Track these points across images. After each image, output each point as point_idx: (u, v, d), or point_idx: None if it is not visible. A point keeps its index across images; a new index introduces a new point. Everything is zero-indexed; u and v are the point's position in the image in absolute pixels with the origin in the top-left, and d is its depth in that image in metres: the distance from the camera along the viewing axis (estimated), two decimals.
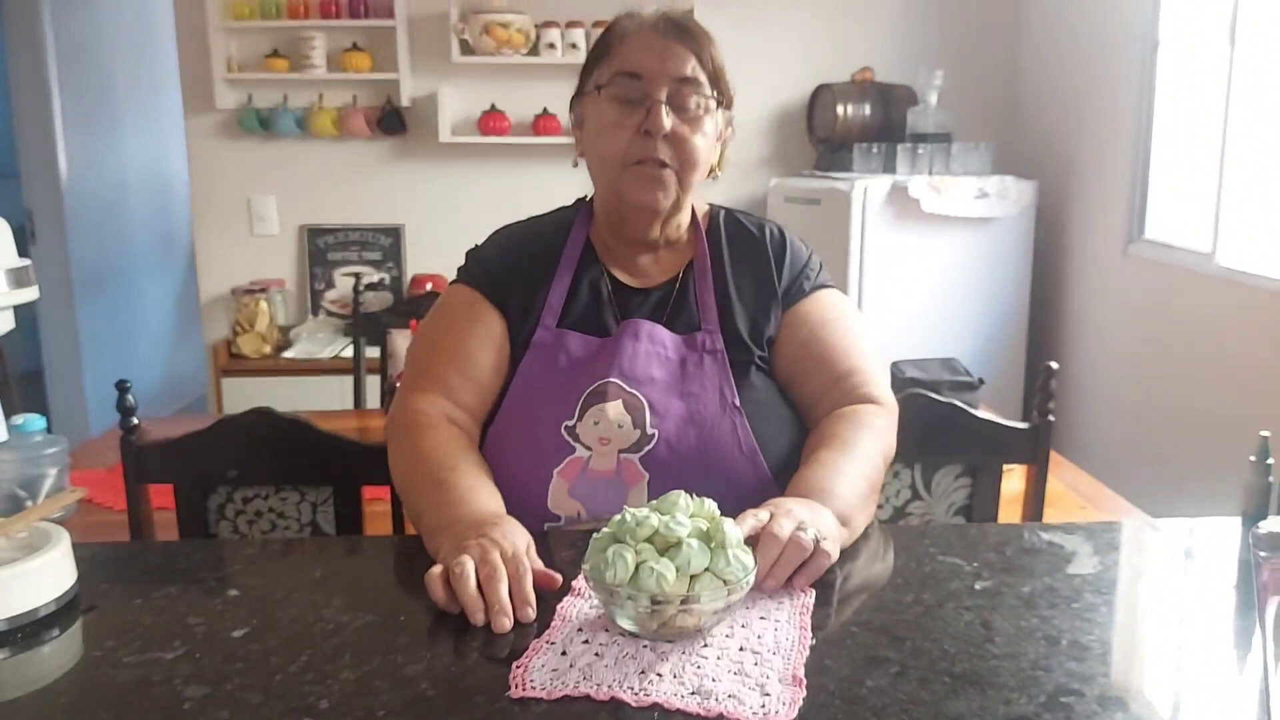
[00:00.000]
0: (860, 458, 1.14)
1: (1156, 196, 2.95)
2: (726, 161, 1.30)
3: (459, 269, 1.31)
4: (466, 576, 0.90)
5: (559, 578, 0.95)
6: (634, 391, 1.17)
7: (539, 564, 0.96)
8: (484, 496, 1.08)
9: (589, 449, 1.16)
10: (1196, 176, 2.71)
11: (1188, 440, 2.69)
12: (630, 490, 1.15)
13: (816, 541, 0.96)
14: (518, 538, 0.99)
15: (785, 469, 1.16)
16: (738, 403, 1.18)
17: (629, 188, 1.21)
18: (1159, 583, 1.05)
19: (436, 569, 0.94)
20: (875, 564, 1.06)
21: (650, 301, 1.26)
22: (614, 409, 1.16)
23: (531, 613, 0.90)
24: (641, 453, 1.15)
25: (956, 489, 1.49)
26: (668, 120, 1.18)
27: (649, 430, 1.16)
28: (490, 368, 1.22)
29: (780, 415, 1.23)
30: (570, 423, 1.16)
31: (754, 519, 0.97)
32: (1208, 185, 2.62)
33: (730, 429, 1.17)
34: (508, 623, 0.88)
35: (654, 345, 1.21)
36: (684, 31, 1.21)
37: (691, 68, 1.19)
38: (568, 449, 1.16)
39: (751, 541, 0.94)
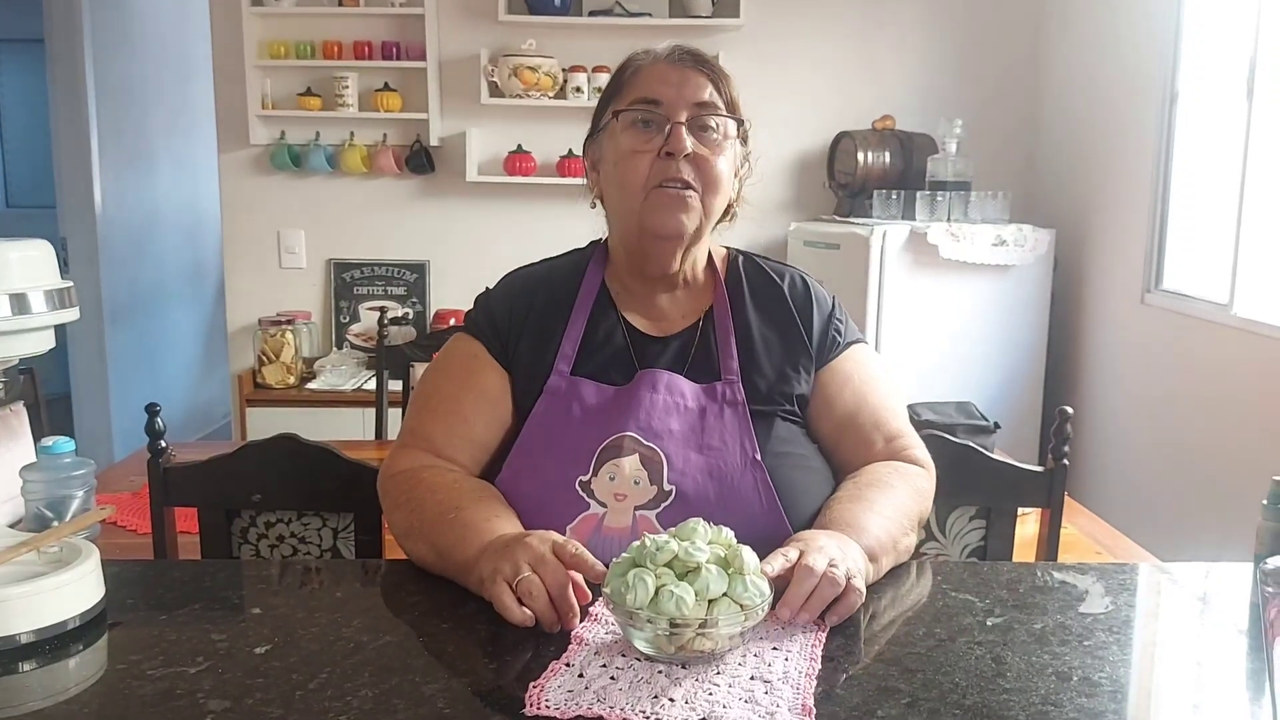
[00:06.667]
0: (894, 500, 1.13)
1: (1174, 247, 2.96)
2: (744, 202, 1.27)
3: (466, 315, 1.28)
4: (536, 592, 0.93)
5: (599, 566, 0.96)
6: (651, 445, 1.13)
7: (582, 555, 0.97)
8: (505, 524, 1.08)
9: (604, 505, 1.12)
10: (1214, 227, 2.72)
11: (1203, 487, 2.67)
12: None
13: (848, 579, 0.95)
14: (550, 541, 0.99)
15: (810, 524, 1.12)
16: (759, 457, 1.14)
17: (651, 212, 1.17)
18: (1171, 623, 1.05)
19: (504, 594, 0.94)
20: (887, 598, 1.06)
21: (669, 350, 1.22)
22: (630, 464, 1.12)
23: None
24: (659, 509, 1.11)
25: (971, 530, 1.49)
26: (689, 140, 1.15)
27: (666, 487, 1.12)
28: (483, 425, 1.20)
29: (807, 467, 1.19)
30: (584, 478, 1.13)
31: (783, 558, 0.96)
32: (1225, 236, 2.63)
33: (751, 484, 1.13)
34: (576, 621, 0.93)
35: (672, 396, 1.17)
36: (699, 60, 1.20)
37: (709, 93, 1.18)
38: (581, 505, 1.12)
39: (781, 579, 0.94)
